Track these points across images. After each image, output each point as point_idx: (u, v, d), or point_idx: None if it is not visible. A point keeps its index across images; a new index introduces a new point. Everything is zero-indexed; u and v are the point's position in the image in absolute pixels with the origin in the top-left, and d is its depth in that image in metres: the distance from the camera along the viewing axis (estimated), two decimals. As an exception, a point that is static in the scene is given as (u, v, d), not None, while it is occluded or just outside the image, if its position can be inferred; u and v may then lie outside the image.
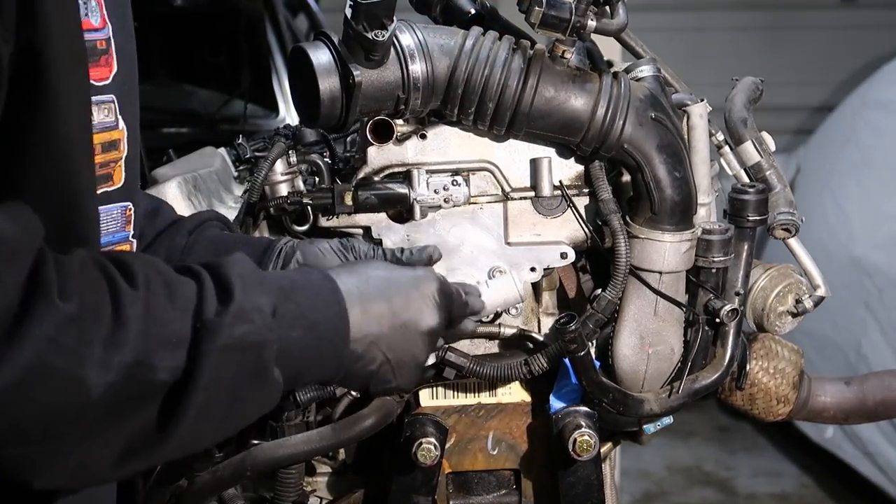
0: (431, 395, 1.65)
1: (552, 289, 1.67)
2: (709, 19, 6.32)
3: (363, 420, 1.57)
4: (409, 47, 1.48)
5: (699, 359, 1.60)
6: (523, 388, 1.66)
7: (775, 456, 4.84)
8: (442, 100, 1.52)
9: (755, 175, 1.67)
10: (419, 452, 1.56)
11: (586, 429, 1.56)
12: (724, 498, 4.51)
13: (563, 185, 1.59)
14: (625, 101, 1.51)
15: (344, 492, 1.72)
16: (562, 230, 1.60)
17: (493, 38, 1.52)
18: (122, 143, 1.22)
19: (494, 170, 1.59)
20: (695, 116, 1.58)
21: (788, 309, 1.69)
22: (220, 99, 4.53)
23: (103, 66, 1.18)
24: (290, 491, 1.64)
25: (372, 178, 1.58)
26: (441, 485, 1.65)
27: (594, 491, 1.62)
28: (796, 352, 1.73)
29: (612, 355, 1.59)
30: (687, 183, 1.54)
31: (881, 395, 1.78)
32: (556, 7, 1.46)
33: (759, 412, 1.73)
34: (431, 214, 1.59)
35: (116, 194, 1.22)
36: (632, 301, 1.57)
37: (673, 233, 1.54)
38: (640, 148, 1.52)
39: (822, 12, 6.34)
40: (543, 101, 1.51)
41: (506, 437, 1.66)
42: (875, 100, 4.69)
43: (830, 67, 6.21)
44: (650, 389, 1.60)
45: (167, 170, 1.73)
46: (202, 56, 4.82)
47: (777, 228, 1.64)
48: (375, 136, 1.55)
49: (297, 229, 1.63)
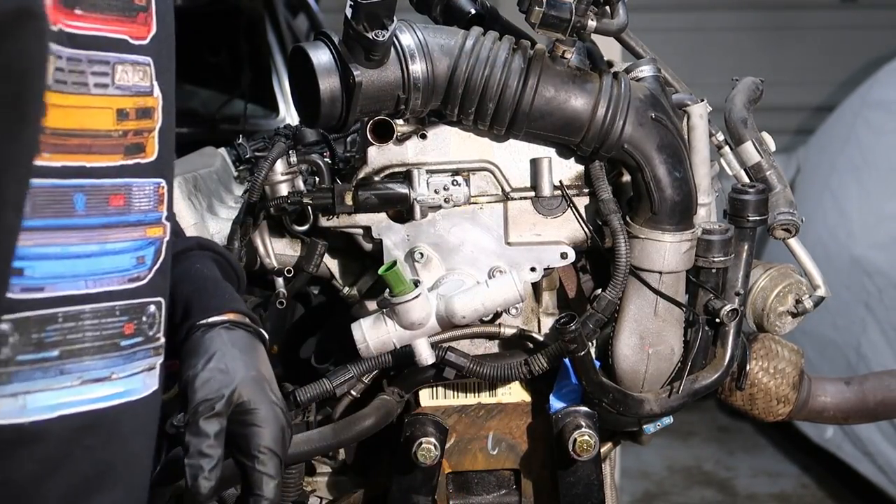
0: (431, 395, 1.65)
1: (552, 289, 1.67)
2: (709, 19, 6.32)
3: (363, 420, 1.57)
4: (410, 47, 1.48)
5: (699, 359, 1.60)
6: (523, 388, 1.66)
7: (775, 456, 4.84)
8: (442, 100, 1.52)
9: (755, 175, 1.67)
10: (419, 452, 1.56)
11: (586, 429, 1.56)
12: (724, 498, 4.50)
13: (563, 185, 1.59)
14: (625, 101, 1.51)
15: (344, 492, 1.72)
16: (562, 230, 1.60)
17: (494, 39, 1.52)
18: (156, 112, 1.14)
19: (494, 170, 1.59)
20: (695, 116, 1.58)
21: (788, 309, 1.69)
22: (220, 99, 4.53)
23: (141, 25, 1.10)
24: (290, 491, 1.64)
25: (372, 178, 1.58)
26: (441, 485, 1.65)
27: (594, 491, 1.62)
28: (796, 352, 1.74)
29: (612, 355, 1.59)
30: (687, 183, 1.54)
31: (881, 395, 1.78)
32: (557, 7, 1.46)
33: (759, 412, 1.73)
34: (431, 214, 1.59)
35: (149, 168, 1.14)
36: (632, 301, 1.57)
37: (673, 233, 1.54)
38: (640, 148, 1.52)
39: (822, 12, 6.33)
40: (543, 101, 1.51)
41: (506, 437, 1.66)
42: (875, 100, 4.69)
43: (830, 67, 6.21)
44: (650, 389, 1.60)
45: (167, 170, 1.73)
46: (202, 56, 4.82)
47: (777, 228, 1.64)
48: (376, 136, 1.55)
49: (297, 229, 1.63)
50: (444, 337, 1.58)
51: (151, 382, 1.19)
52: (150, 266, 1.17)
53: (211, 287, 1.37)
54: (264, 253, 1.64)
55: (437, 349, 1.56)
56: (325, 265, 1.67)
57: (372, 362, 1.57)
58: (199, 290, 1.35)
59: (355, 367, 1.58)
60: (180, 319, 1.31)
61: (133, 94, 1.10)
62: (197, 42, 4.75)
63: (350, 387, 1.60)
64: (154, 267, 1.18)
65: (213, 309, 1.31)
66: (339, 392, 1.59)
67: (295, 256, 1.66)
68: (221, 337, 1.29)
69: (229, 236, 1.60)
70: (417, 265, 1.58)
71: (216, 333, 1.29)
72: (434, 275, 1.59)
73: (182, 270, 1.36)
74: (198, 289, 1.35)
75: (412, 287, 1.50)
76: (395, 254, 1.59)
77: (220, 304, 1.33)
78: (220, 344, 1.27)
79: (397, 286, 1.49)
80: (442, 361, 1.56)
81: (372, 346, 1.53)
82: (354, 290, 1.68)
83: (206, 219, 1.65)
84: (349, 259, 1.69)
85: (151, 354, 1.19)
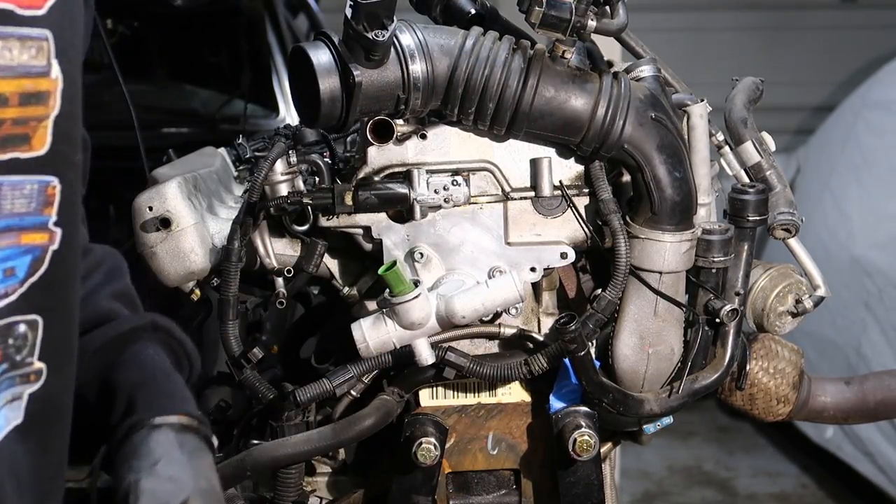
0: (431, 395, 1.65)
1: (552, 289, 1.67)
2: (709, 19, 6.32)
3: (363, 420, 1.57)
4: (410, 47, 1.48)
5: (699, 359, 1.60)
6: (523, 388, 1.66)
7: (775, 456, 4.84)
8: (442, 100, 1.52)
9: (755, 175, 1.67)
10: (419, 452, 1.56)
11: (586, 429, 1.56)
12: (724, 498, 4.51)
13: (563, 185, 1.59)
14: (625, 101, 1.51)
15: (344, 492, 1.72)
16: (562, 230, 1.60)
17: (494, 38, 1.52)
18: (52, 97, 0.97)
19: (494, 170, 1.59)
20: (695, 116, 1.58)
21: (788, 309, 1.69)
22: (220, 99, 4.53)
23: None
24: (290, 491, 1.64)
25: (372, 178, 1.58)
26: (441, 485, 1.65)
27: (594, 491, 1.62)
28: (796, 352, 1.73)
29: (612, 355, 1.59)
30: (687, 183, 1.54)
31: (881, 395, 1.78)
32: (557, 7, 1.46)
33: (759, 412, 1.73)
34: (431, 214, 1.59)
35: (32, 164, 0.97)
36: (632, 301, 1.57)
37: (673, 233, 1.54)
38: (640, 148, 1.52)
39: (822, 12, 6.33)
40: (543, 101, 1.51)
41: (506, 437, 1.66)
42: (875, 100, 4.69)
43: (830, 67, 6.21)
44: (650, 389, 1.60)
45: (167, 170, 1.73)
46: (202, 56, 4.82)
47: (777, 228, 1.64)
48: (375, 136, 1.55)
49: (297, 229, 1.63)
50: (444, 337, 1.58)
51: (14, 416, 1.04)
52: (21, 279, 1.01)
53: (161, 380, 1.22)
54: (264, 253, 1.64)
55: (437, 349, 1.56)
56: (325, 265, 1.66)
57: (372, 362, 1.57)
58: (147, 383, 1.20)
59: (355, 367, 1.58)
60: (122, 414, 1.17)
61: (16, 76, 0.94)
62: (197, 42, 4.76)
63: (350, 387, 1.60)
64: (28, 280, 1.01)
65: (161, 408, 1.17)
66: (339, 392, 1.59)
67: (295, 256, 1.66)
68: (170, 440, 1.14)
69: (229, 236, 1.60)
70: (417, 265, 1.58)
71: (163, 436, 1.14)
72: (434, 275, 1.59)
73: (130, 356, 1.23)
74: (145, 381, 1.21)
75: (412, 287, 1.50)
76: (395, 254, 1.59)
77: (169, 403, 1.19)
78: (167, 448, 1.13)
79: (397, 286, 1.49)
80: (442, 361, 1.56)
81: (372, 346, 1.53)
82: (354, 290, 1.67)
83: (206, 219, 1.65)
84: (349, 259, 1.69)
85: (17, 383, 1.03)
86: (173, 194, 1.62)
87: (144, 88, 4.50)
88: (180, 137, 4.15)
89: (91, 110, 1.10)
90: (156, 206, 1.60)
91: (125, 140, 2.55)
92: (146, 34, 4.77)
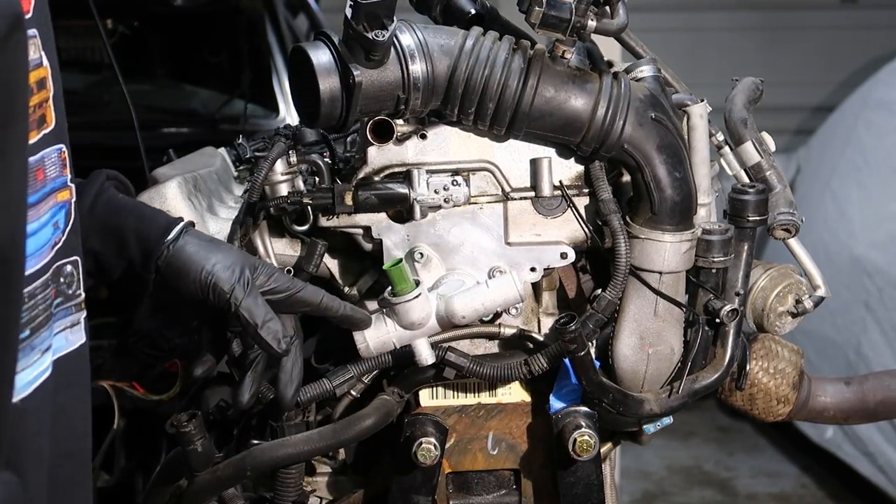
0: (431, 395, 1.65)
1: (552, 289, 1.67)
2: (709, 19, 6.32)
3: (363, 420, 1.57)
4: (410, 47, 1.48)
5: (699, 359, 1.60)
6: (523, 388, 1.66)
7: (775, 456, 4.84)
8: (442, 100, 1.52)
9: (755, 175, 1.67)
10: (419, 452, 1.56)
11: (586, 429, 1.56)
12: (724, 498, 4.51)
13: (563, 185, 1.59)
14: (625, 101, 1.51)
15: (344, 492, 1.72)
16: (562, 230, 1.60)
17: (494, 39, 1.52)
18: (48, 82, 1.16)
19: (494, 170, 1.59)
20: (695, 116, 1.58)
21: (788, 309, 1.69)
22: (220, 99, 4.52)
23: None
24: (290, 491, 1.64)
25: (372, 178, 1.58)
26: (441, 485, 1.65)
27: (594, 491, 1.62)
28: (796, 352, 1.73)
29: (612, 355, 1.59)
30: (687, 183, 1.54)
31: (881, 395, 1.78)
32: (557, 7, 1.46)
33: (759, 412, 1.73)
34: (431, 214, 1.59)
35: (51, 137, 1.17)
36: (632, 301, 1.57)
37: (673, 233, 1.54)
38: (640, 148, 1.52)
39: (822, 12, 6.33)
40: (543, 101, 1.51)
41: (506, 437, 1.66)
42: (876, 100, 4.69)
43: (830, 67, 6.21)
44: (650, 389, 1.60)
45: (167, 170, 1.73)
46: (202, 56, 4.81)
47: (777, 229, 1.64)
48: (375, 136, 1.55)
49: (297, 229, 1.63)
50: (444, 337, 1.58)
51: (76, 338, 1.25)
52: (63, 229, 1.22)
53: (146, 210, 1.48)
54: (264, 253, 1.64)
55: (437, 349, 1.56)
56: (325, 265, 1.66)
57: (372, 362, 1.57)
58: (140, 217, 1.45)
59: (355, 367, 1.58)
60: (137, 248, 1.42)
61: (32, 69, 1.11)
62: (197, 42, 4.75)
63: (350, 387, 1.60)
64: (66, 228, 1.23)
65: (164, 225, 1.43)
66: (339, 392, 1.60)
67: (295, 256, 1.66)
68: (194, 237, 1.43)
69: (229, 236, 1.60)
70: (417, 265, 1.58)
71: (185, 241, 1.42)
72: (434, 275, 1.59)
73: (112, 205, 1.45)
74: (138, 216, 1.45)
75: (414, 286, 1.50)
76: (395, 254, 1.59)
77: (164, 218, 1.45)
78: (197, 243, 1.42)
79: (399, 283, 1.49)
80: (442, 361, 1.56)
81: (372, 346, 1.54)
82: (354, 290, 1.68)
83: (206, 219, 1.65)
84: (349, 259, 1.69)
85: (73, 311, 1.25)
86: (173, 194, 1.62)
87: (144, 88, 4.49)
88: (180, 137, 4.14)
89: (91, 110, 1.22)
90: (156, 205, 1.60)
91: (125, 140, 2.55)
92: (146, 34, 4.77)
